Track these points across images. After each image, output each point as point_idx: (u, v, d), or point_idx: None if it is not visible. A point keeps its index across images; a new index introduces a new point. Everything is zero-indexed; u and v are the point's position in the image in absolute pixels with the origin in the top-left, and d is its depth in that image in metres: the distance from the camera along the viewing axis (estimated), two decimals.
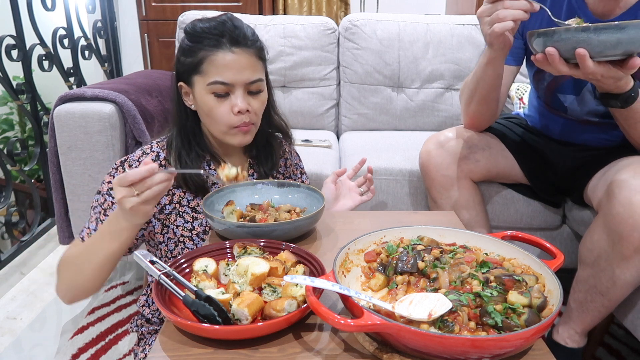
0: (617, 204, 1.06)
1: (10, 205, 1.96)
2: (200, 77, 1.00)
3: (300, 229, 0.93)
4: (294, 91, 2.16)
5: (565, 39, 0.92)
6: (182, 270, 0.79)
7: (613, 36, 0.88)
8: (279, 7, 3.17)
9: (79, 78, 2.44)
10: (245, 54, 0.99)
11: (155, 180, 0.81)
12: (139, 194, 0.80)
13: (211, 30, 0.98)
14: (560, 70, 0.97)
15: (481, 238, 0.81)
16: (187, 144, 1.06)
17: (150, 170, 0.80)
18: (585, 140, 1.36)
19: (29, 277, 1.89)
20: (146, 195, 0.80)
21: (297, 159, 1.29)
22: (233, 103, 0.99)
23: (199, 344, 0.64)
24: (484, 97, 1.28)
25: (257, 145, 1.14)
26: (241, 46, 0.99)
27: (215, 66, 0.98)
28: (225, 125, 1.01)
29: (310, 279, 0.64)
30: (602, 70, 0.95)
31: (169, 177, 0.83)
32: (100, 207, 1.02)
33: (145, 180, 0.80)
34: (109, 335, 1.54)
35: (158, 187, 0.81)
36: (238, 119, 1.00)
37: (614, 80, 0.99)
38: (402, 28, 2.09)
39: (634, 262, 1.06)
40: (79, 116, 1.49)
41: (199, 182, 1.05)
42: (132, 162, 1.04)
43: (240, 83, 0.99)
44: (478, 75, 1.24)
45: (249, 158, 1.16)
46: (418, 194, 1.63)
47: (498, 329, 0.61)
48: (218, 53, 0.97)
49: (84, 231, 1.02)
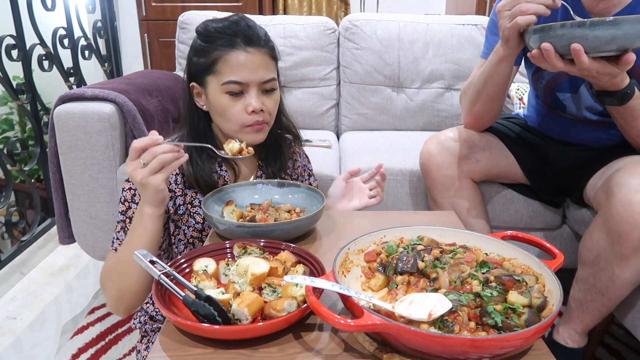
0: (617, 203, 1.06)
1: (10, 205, 1.96)
2: (214, 77, 1.00)
3: (300, 229, 0.93)
4: (294, 91, 2.17)
5: (560, 35, 0.93)
6: (182, 270, 0.79)
7: (608, 32, 0.89)
8: (279, 7, 3.17)
9: (79, 78, 2.44)
10: (258, 54, 0.99)
11: (160, 149, 0.83)
12: (146, 164, 0.83)
13: (225, 30, 0.98)
14: (556, 66, 0.97)
15: (481, 238, 0.81)
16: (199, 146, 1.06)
17: (154, 140, 0.84)
18: (584, 140, 1.36)
19: (29, 277, 1.89)
20: (152, 165, 0.83)
21: (305, 160, 1.28)
22: (247, 102, 1.00)
23: (199, 344, 0.64)
24: (491, 97, 1.28)
25: (266, 147, 1.14)
26: (255, 46, 0.99)
27: (230, 66, 0.98)
28: (238, 124, 1.01)
29: (310, 279, 0.64)
30: (598, 66, 0.95)
31: (174, 148, 0.85)
32: (124, 215, 1.03)
33: (150, 148, 0.83)
34: (109, 335, 1.54)
35: (163, 157, 0.83)
36: (251, 118, 1.00)
37: (609, 77, 0.99)
38: (402, 28, 2.09)
39: (634, 261, 1.06)
40: (79, 116, 1.49)
41: (210, 182, 1.05)
42: None
43: (254, 82, 0.99)
44: (487, 74, 1.23)
45: (259, 160, 1.15)
46: (418, 194, 1.63)
47: (498, 329, 0.61)
48: (232, 53, 0.97)
49: (115, 242, 1.04)
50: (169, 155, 0.84)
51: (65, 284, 1.85)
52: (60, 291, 1.81)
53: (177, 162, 0.86)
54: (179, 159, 0.86)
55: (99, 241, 1.62)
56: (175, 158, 0.85)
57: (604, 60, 0.95)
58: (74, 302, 1.75)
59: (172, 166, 0.85)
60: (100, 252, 1.65)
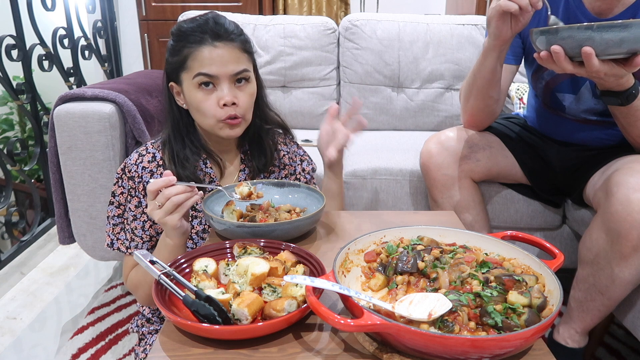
0: (615, 202, 1.06)
1: (10, 205, 1.96)
2: (186, 74, 1.01)
3: (300, 229, 0.93)
4: (294, 91, 2.17)
5: (570, 37, 0.93)
6: (182, 270, 0.79)
7: (617, 35, 0.89)
8: (279, 7, 3.17)
9: (79, 78, 2.44)
10: (227, 47, 1.00)
11: (172, 192, 0.86)
12: (161, 206, 0.86)
13: (194, 28, 1.00)
14: (565, 69, 0.98)
15: (481, 238, 0.81)
16: (181, 143, 1.07)
17: (168, 181, 0.87)
18: (584, 140, 1.36)
19: (29, 277, 1.89)
20: (167, 207, 0.86)
21: (294, 147, 1.26)
22: (219, 96, 1.00)
23: (199, 344, 0.64)
24: (481, 91, 1.28)
25: (249, 140, 1.15)
26: (223, 40, 1.00)
27: (199, 60, 0.99)
28: (213, 119, 1.02)
29: (310, 279, 0.64)
30: (606, 68, 0.96)
31: (187, 189, 0.88)
32: (120, 217, 1.07)
33: (164, 191, 0.86)
34: (109, 335, 1.54)
35: (176, 198, 0.86)
36: (224, 111, 1.01)
37: (615, 78, 1.00)
38: (402, 28, 2.09)
39: (633, 260, 1.06)
40: (79, 116, 1.49)
41: (194, 178, 1.06)
42: (130, 166, 1.05)
43: (224, 75, 1.00)
44: (476, 68, 1.26)
45: (241, 153, 1.16)
46: (418, 194, 1.63)
47: (498, 329, 0.61)
48: (201, 48, 0.99)
49: (116, 243, 1.07)
50: (181, 197, 0.87)
51: (65, 284, 1.85)
52: (60, 291, 1.81)
53: (190, 201, 0.89)
54: (191, 198, 0.89)
55: (99, 241, 1.62)
56: (188, 198, 0.88)
57: (612, 62, 0.96)
58: (74, 302, 1.75)
59: (186, 205, 0.89)
60: (100, 252, 1.65)
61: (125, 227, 1.05)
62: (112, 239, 1.07)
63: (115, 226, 1.07)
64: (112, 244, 1.07)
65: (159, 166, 1.06)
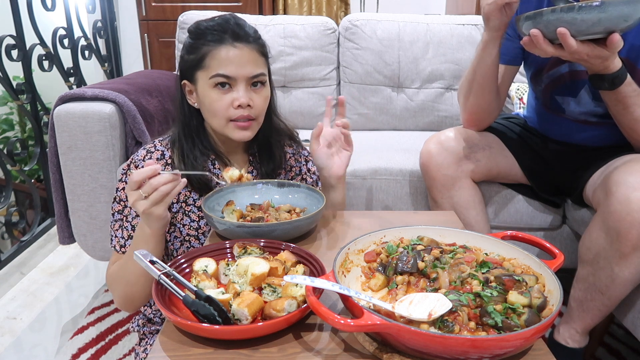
0: (615, 202, 1.06)
1: (10, 205, 1.96)
2: (203, 72, 1.01)
3: (300, 229, 0.93)
4: (294, 91, 2.16)
5: (549, 20, 0.96)
6: (182, 270, 0.79)
7: (593, 15, 0.92)
8: (279, 7, 3.17)
9: (79, 78, 2.44)
10: (247, 49, 1.00)
11: (160, 181, 0.84)
12: (147, 197, 0.83)
13: (214, 27, 1.00)
14: (546, 52, 1.00)
15: (481, 238, 0.81)
16: (191, 142, 1.07)
17: (153, 170, 0.83)
18: (584, 140, 1.36)
19: (29, 277, 1.89)
20: (154, 197, 0.83)
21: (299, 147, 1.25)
22: (235, 97, 1.00)
23: (199, 344, 0.64)
24: (481, 87, 1.29)
25: (258, 144, 1.14)
26: (243, 41, 1.00)
27: (218, 60, 0.99)
28: (225, 119, 1.02)
29: (310, 279, 0.64)
30: (587, 49, 0.98)
31: (174, 177, 0.85)
32: (120, 214, 1.05)
33: (150, 181, 0.83)
34: (109, 335, 1.54)
35: (164, 188, 0.84)
36: (238, 112, 1.01)
37: (601, 60, 1.02)
38: (402, 28, 2.09)
39: (633, 260, 1.06)
40: (79, 116, 1.49)
41: (203, 180, 1.06)
42: (137, 162, 1.05)
43: (242, 77, 1.00)
44: (475, 63, 1.26)
45: (250, 156, 1.16)
46: (418, 194, 1.63)
47: (498, 329, 0.61)
48: (220, 47, 0.99)
49: (114, 240, 1.05)
50: (168, 186, 0.84)
51: (65, 284, 1.85)
52: (60, 291, 1.81)
53: (175, 189, 0.86)
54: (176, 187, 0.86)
55: (99, 241, 1.62)
56: (174, 187, 0.86)
57: (592, 42, 0.98)
58: (74, 302, 1.75)
59: (172, 194, 0.86)
60: (100, 252, 1.65)
61: (123, 224, 1.04)
62: (112, 236, 1.07)
63: (115, 222, 1.06)
64: (111, 241, 1.07)
65: (167, 164, 1.06)
